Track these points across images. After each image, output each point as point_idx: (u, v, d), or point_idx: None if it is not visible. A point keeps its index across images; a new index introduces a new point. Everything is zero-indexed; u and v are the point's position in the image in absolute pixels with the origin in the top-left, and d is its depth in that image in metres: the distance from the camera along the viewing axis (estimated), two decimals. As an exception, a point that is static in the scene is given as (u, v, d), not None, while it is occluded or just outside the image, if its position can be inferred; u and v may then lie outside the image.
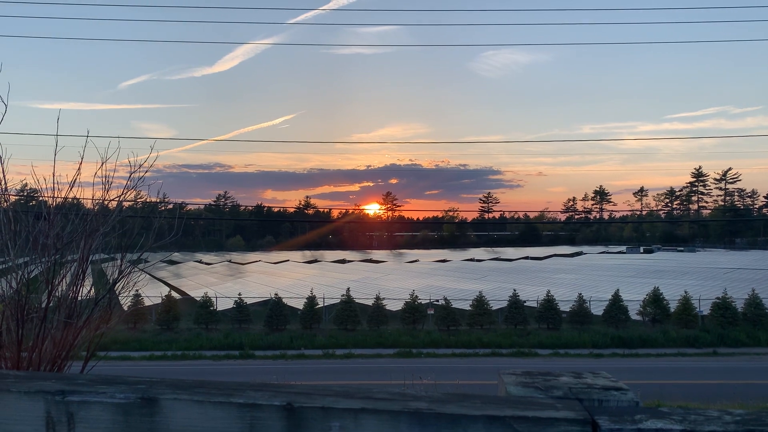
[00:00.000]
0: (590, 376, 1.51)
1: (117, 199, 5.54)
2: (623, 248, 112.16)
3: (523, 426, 1.15)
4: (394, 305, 37.38)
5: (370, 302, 36.84)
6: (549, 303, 35.87)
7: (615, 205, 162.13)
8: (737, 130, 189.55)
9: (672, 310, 35.73)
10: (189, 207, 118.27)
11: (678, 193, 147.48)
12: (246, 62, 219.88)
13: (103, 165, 5.45)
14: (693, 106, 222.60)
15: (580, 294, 37.21)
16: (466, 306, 36.85)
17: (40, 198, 5.61)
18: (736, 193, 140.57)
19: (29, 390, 1.31)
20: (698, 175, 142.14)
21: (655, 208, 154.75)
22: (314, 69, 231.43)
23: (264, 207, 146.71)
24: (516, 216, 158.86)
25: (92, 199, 5.65)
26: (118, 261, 5.54)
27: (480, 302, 35.89)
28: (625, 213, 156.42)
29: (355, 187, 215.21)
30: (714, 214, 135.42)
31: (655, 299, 35.97)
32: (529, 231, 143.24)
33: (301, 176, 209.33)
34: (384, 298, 36.98)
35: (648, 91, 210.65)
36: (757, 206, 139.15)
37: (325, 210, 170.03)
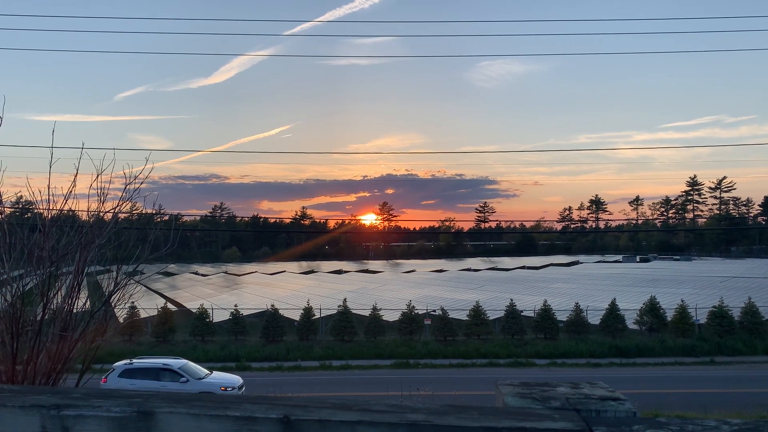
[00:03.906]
0: (587, 387, 1.52)
1: (112, 211, 5.53)
2: (619, 257, 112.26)
3: (521, 437, 1.15)
4: (391, 316, 37.29)
5: (366, 313, 36.74)
6: (546, 312, 35.83)
7: (611, 214, 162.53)
8: (732, 139, 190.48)
9: (669, 318, 35.74)
10: (185, 218, 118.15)
11: (673, 202, 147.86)
12: (242, 74, 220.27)
13: (99, 177, 5.45)
14: (688, 116, 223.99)
15: (577, 303, 37.20)
16: (463, 316, 36.79)
17: (36, 210, 5.60)
18: (731, 202, 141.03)
19: (24, 404, 1.30)
20: (693, 184, 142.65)
21: (650, 217, 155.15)
22: (310, 80, 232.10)
23: (260, 218, 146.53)
24: (512, 225, 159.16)
25: (87, 211, 5.64)
26: (114, 273, 5.53)
27: (477, 312, 35.83)
28: (621, 222, 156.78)
29: (352, 198, 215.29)
30: (709, 222, 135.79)
31: (652, 308, 35.98)
32: (526, 241, 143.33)
33: (297, 187, 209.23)
34: (381, 309, 36.89)
35: (643, 100, 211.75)
36: (752, 215, 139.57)
37: (322, 220, 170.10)
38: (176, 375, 22.59)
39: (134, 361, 23.46)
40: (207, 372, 23.92)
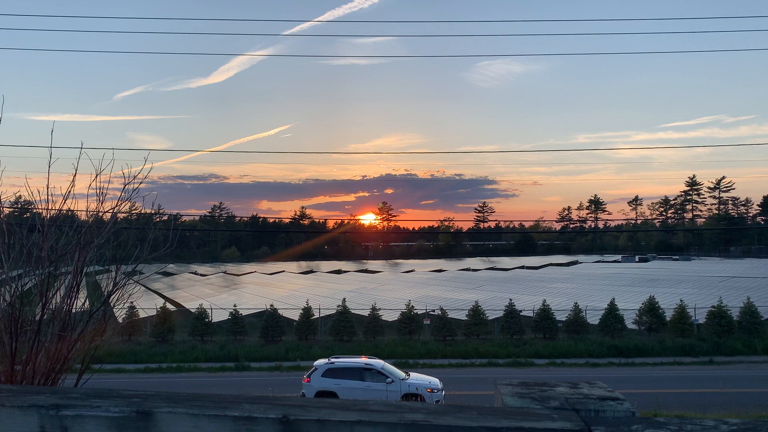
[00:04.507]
0: (586, 386, 1.52)
1: (111, 210, 5.53)
2: (618, 257, 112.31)
3: (520, 437, 1.15)
4: (390, 315, 37.29)
5: (366, 313, 36.75)
6: (545, 312, 35.85)
7: (610, 214, 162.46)
8: (731, 138, 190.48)
9: (668, 318, 35.77)
10: (184, 218, 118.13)
11: (672, 202, 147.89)
12: (241, 73, 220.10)
13: (98, 177, 5.44)
14: (687, 116, 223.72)
15: (576, 303, 37.22)
16: (462, 316, 36.80)
17: (34, 210, 5.60)
18: (730, 202, 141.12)
19: (23, 404, 1.30)
20: (692, 183, 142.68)
21: (649, 217, 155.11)
22: (310, 80, 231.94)
23: (259, 218, 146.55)
24: (511, 225, 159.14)
25: (86, 211, 5.64)
26: (113, 273, 5.52)
27: (476, 312, 35.85)
28: (620, 222, 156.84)
29: (351, 197, 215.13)
30: (708, 222, 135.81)
31: (651, 308, 36.01)
32: (525, 240, 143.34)
33: (296, 187, 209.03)
34: (380, 309, 36.90)
35: (642, 100, 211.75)
36: (751, 214, 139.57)
37: (321, 220, 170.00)
38: (381, 375, 21.52)
39: (333, 360, 22.62)
40: (404, 373, 22.61)
